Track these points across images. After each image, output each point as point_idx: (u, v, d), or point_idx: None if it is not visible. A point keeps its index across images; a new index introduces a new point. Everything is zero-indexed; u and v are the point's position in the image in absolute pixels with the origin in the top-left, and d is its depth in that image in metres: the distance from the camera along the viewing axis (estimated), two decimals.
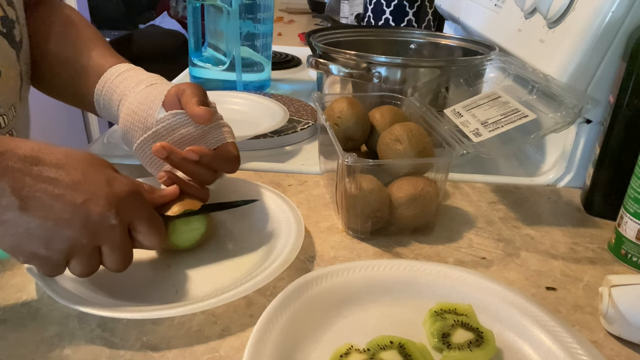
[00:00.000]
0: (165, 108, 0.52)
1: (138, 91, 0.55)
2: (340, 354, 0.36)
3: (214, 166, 0.50)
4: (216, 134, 0.52)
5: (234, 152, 0.52)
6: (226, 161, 0.51)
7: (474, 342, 0.37)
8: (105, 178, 0.39)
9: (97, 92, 0.59)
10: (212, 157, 0.49)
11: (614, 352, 0.40)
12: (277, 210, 0.53)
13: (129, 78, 0.57)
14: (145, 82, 0.56)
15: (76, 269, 0.39)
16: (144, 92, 0.54)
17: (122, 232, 0.39)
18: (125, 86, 0.56)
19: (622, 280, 0.41)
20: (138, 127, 0.54)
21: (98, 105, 0.60)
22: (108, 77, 0.58)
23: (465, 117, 0.58)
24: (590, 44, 0.58)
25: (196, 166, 0.49)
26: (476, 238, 0.55)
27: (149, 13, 3.12)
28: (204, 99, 0.51)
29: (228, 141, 0.52)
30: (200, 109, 0.49)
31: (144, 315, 0.39)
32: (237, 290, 0.41)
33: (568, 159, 0.66)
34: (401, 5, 1.31)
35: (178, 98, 0.52)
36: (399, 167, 0.53)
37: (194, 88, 0.51)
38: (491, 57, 0.70)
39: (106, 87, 0.58)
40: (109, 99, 0.58)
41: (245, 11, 0.92)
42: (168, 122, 0.52)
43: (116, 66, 0.59)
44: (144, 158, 0.55)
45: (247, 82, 0.97)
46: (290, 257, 0.45)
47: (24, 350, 0.38)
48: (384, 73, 0.73)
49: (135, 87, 0.56)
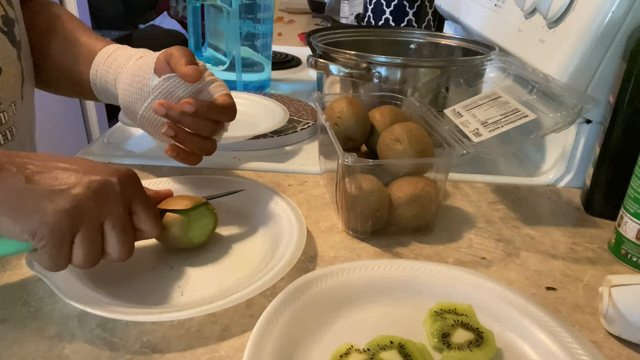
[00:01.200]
0: (158, 74, 0.54)
1: (129, 66, 0.57)
2: (340, 354, 0.36)
3: (212, 116, 0.52)
4: (210, 89, 0.54)
5: (229, 100, 0.54)
6: (222, 110, 0.53)
7: (474, 342, 0.37)
8: (104, 165, 0.41)
9: (92, 77, 0.61)
10: (208, 107, 0.51)
11: (614, 352, 0.40)
12: (278, 209, 0.53)
13: (119, 57, 0.59)
14: (134, 57, 0.58)
15: (79, 253, 0.38)
16: (135, 65, 0.57)
17: (124, 207, 0.40)
18: (117, 65, 0.59)
19: (622, 280, 0.41)
20: (137, 99, 0.56)
21: (96, 90, 0.62)
22: (99, 61, 0.60)
23: (465, 117, 0.58)
24: (590, 44, 0.58)
25: (195, 118, 0.51)
26: (476, 238, 0.55)
27: (149, 13, 3.13)
28: (192, 59, 0.53)
29: (222, 93, 0.54)
30: (188, 68, 0.51)
31: (156, 317, 0.39)
32: (245, 291, 0.41)
33: (568, 159, 0.66)
34: (401, 5, 1.31)
35: (167, 62, 0.53)
36: (399, 167, 0.53)
37: (180, 50, 0.53)
38: (491, 57, 0.70)
39: (100, 70, 0.60)
40: (104, 81, 0.60)
41: (245, 11, 0.92)
42: (163, 87, 0.54)
43: (105, 49, 0.61)
44: (148, 127, 0.57)
45: (247, 82, 0.97)
46: (295, 257, 0.45)
47: (24, 350, 0.38)
48: (384, 73, 0.73)
49: (127, 63, 0.58)
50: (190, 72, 0.51)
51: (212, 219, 0.49)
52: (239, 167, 0.67)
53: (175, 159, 0.54)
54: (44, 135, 2.22)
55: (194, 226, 0.47)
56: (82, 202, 0.37)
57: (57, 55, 0.64)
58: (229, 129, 0.57)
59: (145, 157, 0.68)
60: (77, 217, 0.37)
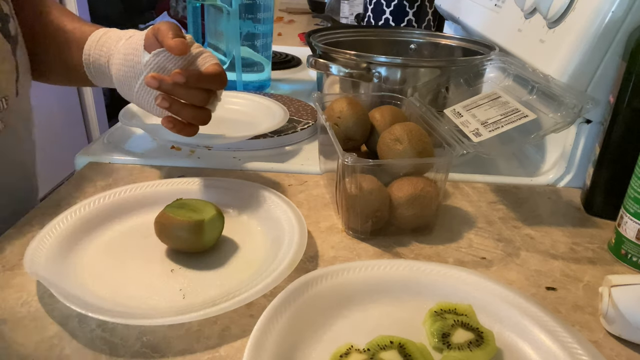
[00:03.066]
0: (148, 51, 0.55)
1: (120, 46, 0.59)
2: (340, 354, 0.36)
3: (203, 85, 0.54)
4: (199, 61, 0.56)
5: (218, 69, 0.55)
6: (212, 78, 0.55)
7: (474, 342, 0.37)
8: None
9: (86, 62, 0.62)
10: (198, 77, 0.53)
11: (614, 352, 0.40)
12: (278, 211, 0.53)
13: (109, 39, 0.61)
14: (124, 37, 0.60)
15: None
16: (126, 44, 0.58)
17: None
18: (108, 47, 0.60)
19: (622, 280, 0.41)
20: (130, 77, 0.57)
21: (90, 74, 0.63)
22: (90, 45, 0.62)
23: (465, 117, 0.58)
24: (590, 44, 0.58)
25: (187, 89, 0.53)
26: (476, 238, 0.55)
27: (149, 13, 3.12)
28: (179, 33, 0.54)
29: (211, 63, 0.56)
30: (174, 41, 0.52)
31: (160, 321, 0.39)
32: (246, 294, 0.40)
33: (568, 159, 0.66)
34: (401, 5, 1.31)
35: (156, 37, 0.55)
36: (399, 167, 0.53)
37: (167, 24, 0.55)
38: (491, 57, 0.70)
39: (92, 55, 0.61)
40: (98, 65, 0.61)
41: (245, 11, 0.92)
42: (154, 62, 0.55)
43: (94, 33, 0.62)
44: (144, 103, 0.58)
45: (247, 82, 0.97)
46: (296, 260, 0.45)
47: (24, 350, 0.38)
48: (384, 73, 0.73)
49: (117, 44, 0.59)
50: (176, 44, 0.52)
51: (222, 222, 0.49)
52: (239, 167, 0.67)
53: (172, 130, 0.55)
54: (44, 135, 2.22)
55: (208, 231, 0.47)
56: None
57: (46, 45, 0.65)
58: (229, 128, 0.58)
59: (145, 157, 0.68)
60: None
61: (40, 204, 0.57)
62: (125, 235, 0.51)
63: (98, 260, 0.47)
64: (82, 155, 0.68)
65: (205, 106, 0.56)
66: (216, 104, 0.58)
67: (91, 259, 0.47)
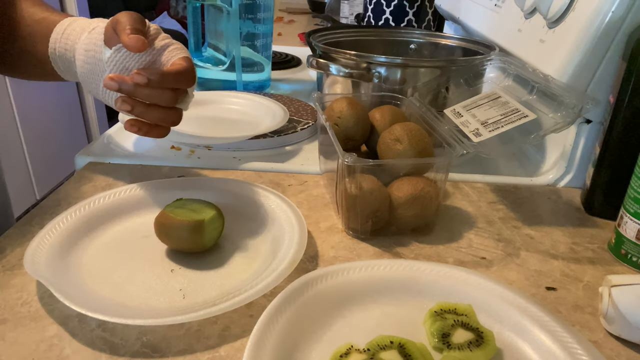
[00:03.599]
0: (109, 45, 0.51)
1: (82, 40, 0.53)
2: (340, 354, 0.36)
3: (168, 84, 0.49)
4: (166, 55, 0.51)
5: (185, 64, 0.50)
6: (178, 76, 0.49)
7: (474, 342, 0.37)
8: None
9: (52, 56, 0.56)
10: (161, 75, 0.48)
11: (614, 352, 0.40)
12: (278, 210, 0.53)
13: (73, 32, 0.55)
14: (87, 30, 0.54)
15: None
16: (87, 39, 0.53)
17: None
18: (73, 40, 0.54)
19: (622, 280, 0.41)
20: (94, 75, 0.52)
21: (59, 69, 0.58)
22: (55, 38, 0.56)
23: (465, 117, 0.58)
24: (590, 44, 0.58)
25: (151, 89, 0.48)
26: (476, 238, 0.55)
27: (149, 13, 3.12)
28: (138, 25, 0.49)
29: (179, 57, 0.51)
30: (130, 38, 0.47)
31: (160, 321, 0.38)
32: (246, 294, 0.40)
33: (568, 159, 0.66)
34: (401, 5, 1.31)
35: (115, 31, 0.50)
36: (399, 167, 0.53)
37: (126, 16, 0.49)
38: (491, 57, 0.70)
39: (57, 49, 0.56)
40: (64, 59, 0.56)
41: (245, 11, 0.92)
42: (115, 59, 0.50)
43: (59, 24, 0.56)
44: (112, 103, 0.53)
45: (247, 82, 0.97)
46: (296, 260, 0.45)
47: (24, 350, 0.38)
48: (384, 73, 0.73)
49: (80, 37, 0.54)
50: (132, 41, 0.47)
51: (222, 222, 0.49)
52: (239, 167, 0.67)
53: (138, 133, 0.52)
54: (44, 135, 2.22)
55: (207, 231, 0.47)
56: None
57: (14, 39, 0.58)
58: (229, 128, 0.57)
59: (146, 157, 0.68)
60: None
61: (40, 204, 0.57)
62: (125, 235, 0.51)
63: (98, 260, 0.47)
64: (82, 155, 0.68)
65: (174, 106, 0.51)
66: (188, 102, 0.53)
67: (91, 259, 0.47)
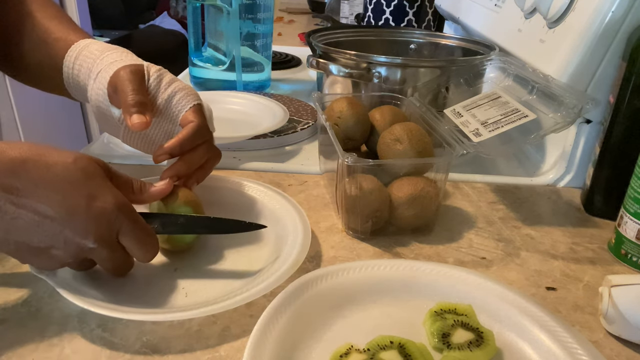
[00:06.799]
0: (114, 104, 0.50)
1: (91, 85, 0.51)
2: (340, 354, 0.36)
3: (190, 147, 0.49)
4: (174, 106, 0.51)
5: (195, 120, 0.49)
6: (195, 137, 0.49)
7: (474, 342, 0.37)
8: (86, 197, 0.38)
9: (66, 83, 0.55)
10: (180, 145, 0.48)
11: (614, 352, 0.40)
12: (282, 210, 0.53)
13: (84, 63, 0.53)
14: (94, 71, 0.51)
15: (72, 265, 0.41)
16: (94, 89, 0.51)
17: (107, 249, 0.40)
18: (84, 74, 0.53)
19: (622, 280, 0.41)
20: (111, 126, 0.53)
21: (71, 89, 0.56)
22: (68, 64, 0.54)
23: (465, 117, 0.58)
24: (590, 44, 0.58)
25: (185, 158, 0.49)
26: (476, 238, 0.55)
27: (149, 13, 3.13)
28: (136, 86, 0.48)
29: (186, 109, 0.50)
30: (132, 121, 0.46)
31: (160, 317, 0.39)
32: (248, 293, 0.40)
33: (568, 159, 0.66)
34: (401, 5, 1.31)
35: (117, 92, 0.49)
36: (399, 167, 0.53)
37: (124, 79, 0.48)
38: (491, 57, 0.70)
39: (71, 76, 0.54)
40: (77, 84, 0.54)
41: (245, 11, 0.92)
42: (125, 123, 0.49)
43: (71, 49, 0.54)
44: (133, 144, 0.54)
45: (247, 82, 0.97)
46: (299, 260, 0.45)
47: (24, 350, 0.38)
48: (384, 73, 0.73)
49: (90, 78, 0.52)
50: (134, 126, 0.46)
51: (194, 209, 0.47)
52: (239, 167, 0.67)
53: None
54: (44, 136, 2.22)
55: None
56: (63, 260, 0.40)
57: (31, 52, 0.56)
58: (229, 128, 0.57)
59: (146, 157, 0.68)
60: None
61: None
62: None
63: None
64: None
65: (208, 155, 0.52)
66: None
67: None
